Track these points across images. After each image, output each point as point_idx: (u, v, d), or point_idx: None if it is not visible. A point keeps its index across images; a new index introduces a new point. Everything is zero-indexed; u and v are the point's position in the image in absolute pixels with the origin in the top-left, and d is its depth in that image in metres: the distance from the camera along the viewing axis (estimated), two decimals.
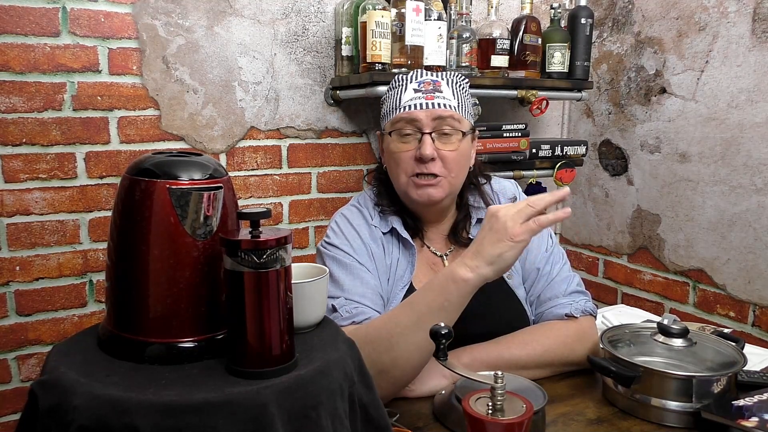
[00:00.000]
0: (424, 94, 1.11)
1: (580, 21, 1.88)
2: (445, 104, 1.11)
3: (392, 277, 1.16)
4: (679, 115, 1.91)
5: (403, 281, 1.15)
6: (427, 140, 1.09)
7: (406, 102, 1.12)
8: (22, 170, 1.49)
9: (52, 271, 1.55)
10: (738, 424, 0.88)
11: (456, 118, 1.11)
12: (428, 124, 1.10)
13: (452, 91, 1.13)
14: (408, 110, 1.11)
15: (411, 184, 1.12)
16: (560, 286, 1.18)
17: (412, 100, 1.11)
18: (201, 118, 1.69)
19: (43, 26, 1.47)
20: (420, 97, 1.11)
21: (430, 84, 1.12)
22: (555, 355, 1.10)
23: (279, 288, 0.65)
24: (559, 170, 1.96)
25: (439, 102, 1.11)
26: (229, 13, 1.68)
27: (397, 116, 1.12)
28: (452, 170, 1.11)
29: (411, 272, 1.16)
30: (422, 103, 1.11)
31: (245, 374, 0.64)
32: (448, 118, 1.10)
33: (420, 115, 1.10)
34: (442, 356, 0.84)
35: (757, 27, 1.69)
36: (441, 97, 1.11)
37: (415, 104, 1.11)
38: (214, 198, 0.68)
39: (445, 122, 1.10)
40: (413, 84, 1.13)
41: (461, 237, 1.20)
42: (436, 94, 1.11)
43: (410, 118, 1.11)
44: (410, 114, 1.10)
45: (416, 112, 1.10)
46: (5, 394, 1.53)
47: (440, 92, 1.12)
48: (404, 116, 1.11)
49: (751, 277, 1.75)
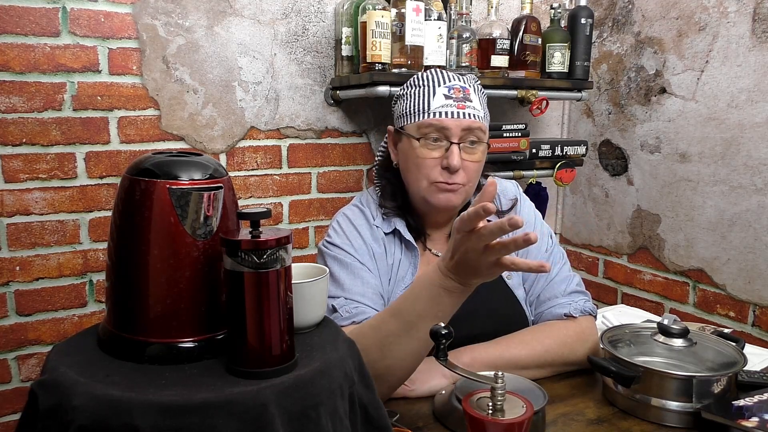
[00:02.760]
0: (456, 102, 1.10)
1: (580, 21, 1.88)
2: (476, 115, 1.10)
3: (393, 277, 1.16)
4: (679, 115, 1.91)
5: (405, 282, 1.15)
6: (455, 150, 1.08)
7: (437, 108, 1.10)
8: (22, 170, 1.49)
9: (52, 271, 1.55)
10: (738, 424, 0.88)
11: (483, 130, 1.12)
12: (457, 134, 1.09)
13: (479, 100, 1.13)
14: (438, 117, 1.09)
15: (433, 190, 1.11)
16: (559, 286, 1.18)
17: (444, 108, 1.09)
18: (201, 118, 1.69)
19: (43, 26, 1.47)
20: (452, 105, 1.10)
21: (461, 91, 1.11)
22: (555, 355, 1.10)
23: (279, 288, 0.65)
24: (559, 170, 1.96)
25: (470, 112, 1.10)
26: (229, 13, 1.68)
27: (426, 121, 1.10)
28: (471, 179, 1.13)
29: (413, 273, 1.16)
30: (454, 112, 1.09)
31: (245, 374, 0.64)
32: (477, 129, 1.10)
33: (450, 124, 1.09)
34: (442, 356, 0.84)
35: (757, 27, 1.69)
36: (471, 107, 1.10)
37: (446, 112, 1.09)
38: (215, 198, 0.68)
39: (473, 134, 1.10)
40: (442, 88, 1.11)
41: None
42: (467, 104, 1.10)
43: (441, 126, 1.09)
44: (441, 122, 1.09)
45: (447, 120, 1.09)
46: (5, 394, 1.53)
47: (470, 101, 1.11)
48: (434, 123, 1.09)
49: (751, 277, 1.75)
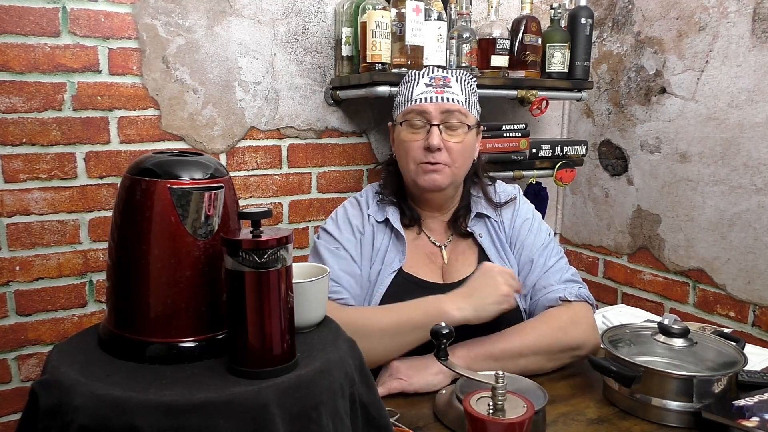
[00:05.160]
0: (435, 89, 1.19)
1: (580, 21, 1.88)
2: (454, 99, 1.18)
3: (379, 262, 1.21)
4: (679, 115, 1.91)
5: (392, 267, 1.20)
6: (435, 131, 1.16)
7: (418, 95, 1.19)
8: (22, 170, 1.49)
9: (52, 271, 1.55)
10: (738, 424, 0.88)
11: (463, 113, 1.18)
12: (437, 116, 1.17)
13: (461, 87, 1.20)
14: (419, 103, 1.18)
15: (419, 171, 1.19)
16: (554, 276, 1.21)
17: (423, 94, 1.19)
18: (201, 118, 1.69)
19: (43, 26, 1.46)
20: (431, 91, 1.18)
21: (441, 80, 1.20)
22: (550, 340, 1.11)
23: (280, 288, 0.65)
24: (559, 170, 1.96)
25: (448, 96, 1.18)
26: (229, 13, 1.68)
27: (408, 108, 1.20)
28: (456, 160, 1.18)
29: (401, 260, 1.21)
30: (432, 96, 1.18)
31: (246, 374, 0.64)
32: (456, 111, 1.17)
33: (430, 108, 1.17)
34: (443, 356, 0.84)
35: (757, 27, 1.69)
36: (450, 92, 1.18)
37: (425, 97, 1.18)
38: (215, 198, 0.68)
39: (452, 116, 1.17)
40: (425, 79, 1.21)
41: (460, 226, 1.26)
42: (445, 89, 1.18)
43: (420, 110, 1.18)
44: (421, 106, 1.18)
45: (426, 105, 1.18)
46: (5, 394, 1.53)
47: (449, 87, 1.19)
48: (415, 108, 1.19)
49: (751, 277, 1.75)
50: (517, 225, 1.27)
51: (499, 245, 1.25)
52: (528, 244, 1.24)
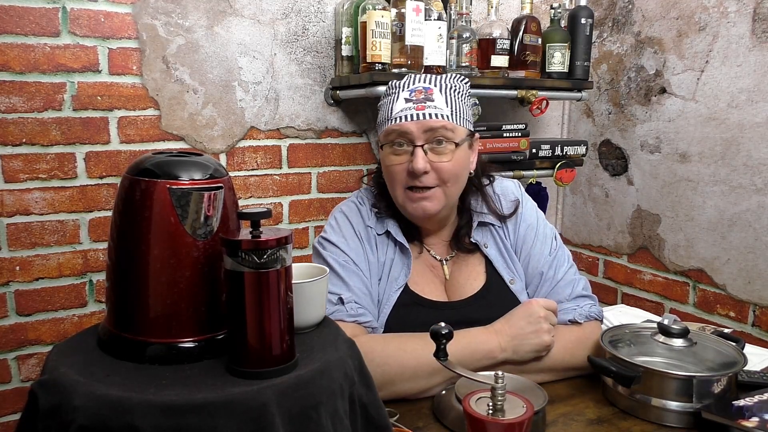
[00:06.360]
0: (415, 104, 1.08)
1: (580, 21, 1.88)
2: (437, 114, 1.07)
3: (385, 277, 1.15)
4: (679, 115, 1.91)
5: (398, 283, 1.14)
6: (419, 153, 1.06)
7: (397, 113, 1.08)
8: (22, 170, 1.49)
9: (52, 271, 1.55)
10: (738, 424, 0.88)
11: (449, 128, 1.07)
12: (420, 136, 1.06)
13: (445, 99, 1.09)
14: (399, 122, 1.08)
15: (407, 199, 1.10)
16: (564, 291, 1.16)
17: (403, 111, 1.08)
18: (201, 118, 1.69)
19: (43, 26, 1.46)
20: (411, 107, 1.07)
21: (422, 92, 1.09)
22: (556, 360, 1.09)
23: (279, 288, 0.65)
24: (559, 170, 1.96)
25: (431, 112, 1.07)
26: (229, 13, 1.68)
27: (389, 128, 1.09)
28: (447, 181, 1.09)
29: (407, 275, 1.15)
30: (412, 114, 1.07)
31: (245, 374, 0.64)
32: (440, 128, 1.07)
33: (411, 128, 1.07)
34: (442, 356, 0.84)
35: (757, 27, 1.69)
36: (432, 107, 1.07)
37: (405, 116, 1.07)
38: (215, 198, 0.68)
39: (437, 133, 1.07)
40: (404, 93, 1.10)
41: (464, 243, 1.20)
42: (427, 104, 1.07)
43: (401, 130, 1.07)
44: (401, 126, 1.07)
45: (407, 124, 1.07)
46: (5, 394, 1.53)
47: (432, 101, 1.08)
48: (395, 128, 1.08)
49: (751, 277, 1.75)
50: (522, 232, 1.21)
51: (506, 254, 1.20)
52: (535, 254, 1.18)
